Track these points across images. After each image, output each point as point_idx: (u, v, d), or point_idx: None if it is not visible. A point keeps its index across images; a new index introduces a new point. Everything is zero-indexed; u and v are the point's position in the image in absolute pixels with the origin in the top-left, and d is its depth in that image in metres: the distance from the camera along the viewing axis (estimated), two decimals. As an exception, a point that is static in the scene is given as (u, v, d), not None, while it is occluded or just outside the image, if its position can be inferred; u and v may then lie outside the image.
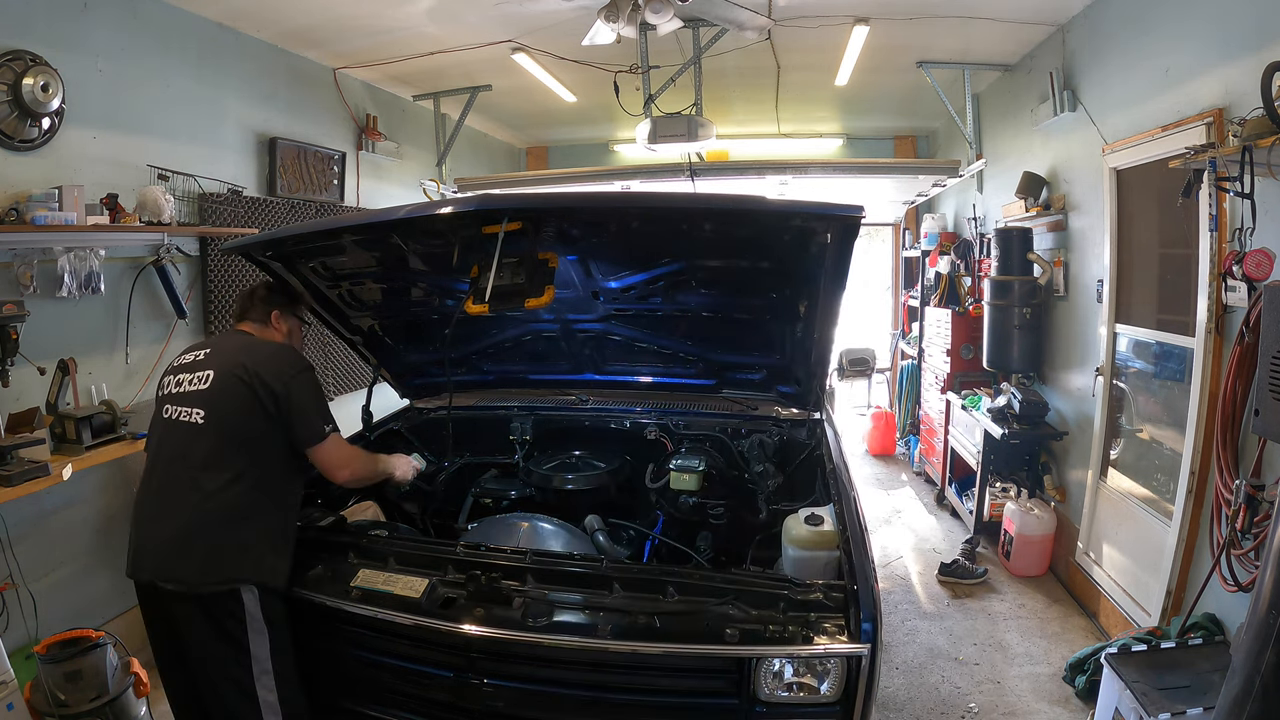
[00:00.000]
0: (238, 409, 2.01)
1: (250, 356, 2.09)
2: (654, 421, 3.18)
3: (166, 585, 1.91)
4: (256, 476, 1.99)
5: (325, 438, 2.08)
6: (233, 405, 2.01)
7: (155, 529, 1.96)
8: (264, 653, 1.91)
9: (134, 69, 3.38)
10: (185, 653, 1.95)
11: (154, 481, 2.04)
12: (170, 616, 1.95)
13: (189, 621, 1.91)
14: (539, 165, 8.23)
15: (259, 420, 2.01)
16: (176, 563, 1.90)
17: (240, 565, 1.91)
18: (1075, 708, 3.00)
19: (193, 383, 2.07)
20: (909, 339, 6.90)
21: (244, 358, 2.08)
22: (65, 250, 2.93)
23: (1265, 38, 2.51)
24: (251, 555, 1.93)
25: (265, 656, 1.91)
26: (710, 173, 5.06)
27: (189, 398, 2.05)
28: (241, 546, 1.92)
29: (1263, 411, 2.16)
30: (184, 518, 1.93)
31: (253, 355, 2.10)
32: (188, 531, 1.92)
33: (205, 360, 2.11)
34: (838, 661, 1.73)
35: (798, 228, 2.15)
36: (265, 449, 2.03)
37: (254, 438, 2.01)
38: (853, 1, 3.95)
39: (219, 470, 1.96)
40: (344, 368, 4.86)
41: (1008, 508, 4.33)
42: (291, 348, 2.25)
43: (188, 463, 1.98)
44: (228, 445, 1.98)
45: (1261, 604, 1.53)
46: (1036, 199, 4.42)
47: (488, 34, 4.34)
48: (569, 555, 2.20)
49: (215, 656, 1.90)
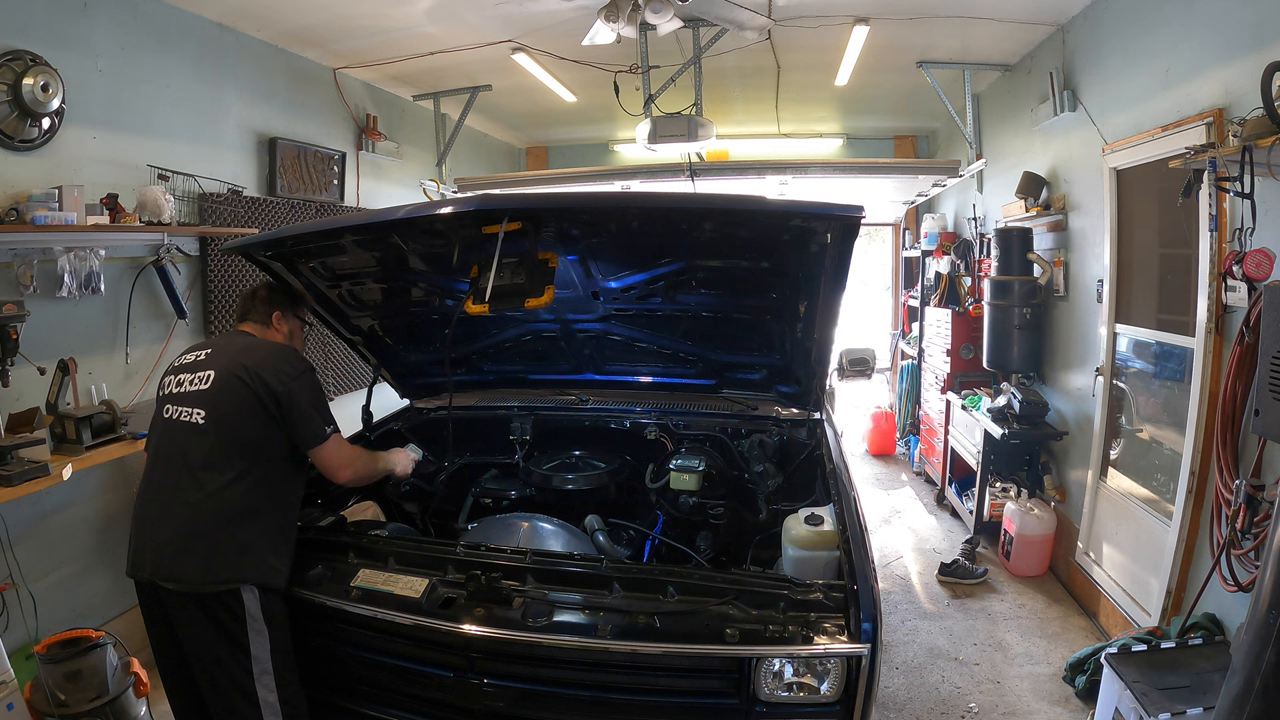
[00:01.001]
0: (238, 409, 2.01)
1: (251, 357, 2.09)
2: (654, 421, 3.18)
3: (166, 585, 1.91)
4: (257, 477, 1.99)
5: (327, 439, 2.09)
6: (233, 406, 2.01)
7: (155, 529, 1.96)
8: (264, 653, 1.91)
9: (134, 69, 3.38)
10: (185, 653, 1.95)
11: (154, 481, 2.03)
12: (170, 616, 1.95)
13: (189, 621, 1.91)
14: (539, 165, 8.22)
15: (260, 421, 2.01)
16: (176, 562, 1.90)
17: (240, 565, 1.91)
18: (1075, 708, 3.00)
19: (193, 383, 2.07)
20: (909, 339, 6.89)
21: (245, 358, 2.08)
22: (65, 250, 2.93)
23: (1265, 38, 2.51)
24: (251, 555, 1.93)
25: (265, 656, 1.91)
26: (710, 173, 5.06)
27: (190, 398, 2.05)
28: (241, 547, 1.92)
29: (1263, 411, 2.17)
30: (184, 518, 1.93)
31: (254, 356, 2.09)
32: (188, 531, 1.91)
33: (206, 360, 2.11)
34: (838, 661, 1.73)
35: (798, 228, 2.15)
36: (266, 449, 2.02)
37: (254, 438, 2.01)
38: (853, 1, 3.95)
39: (219, 470, 1.95)
40: (344, 368, 4.86)
41: (1008, 508, 4.33)
42: (293, 349, 2.25)
43: (188, 462, 1.97)
44: (228, 445, 1.98)
45: (1261, 604, 1.53)
46: (1036, 199, 4.42)
47: (488, 34, 4.35)
48: (569, 555, 2.20)
49: (215, 656, 1.90)
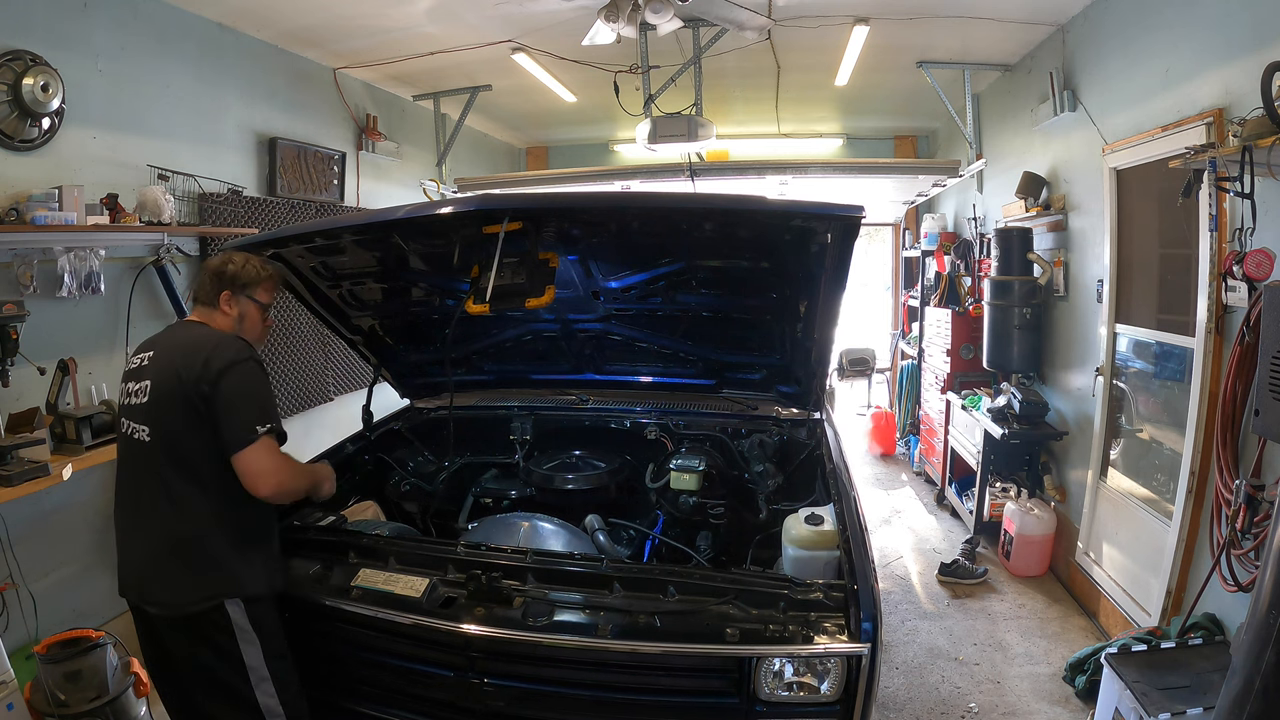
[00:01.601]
0: (178, 421, 1.83)
1: (184, 357, 1.86)
2: (654, 421, 3.18)
3: (150, 609, 1.86)
4: (217, 487, 1.85)
5: (252, 441, 1.80)
6: (172, 418, 1.84)
7: (130, 551, 1.90)
8: (258, 661, 1.85)
9: (134, 69, 3.38)
10: (179, 670, 1.90)
11: (123, 502, 1.94)
12: (160, 636, 1.89)
13: (178, 641, 1.86)
14: (539, 165, 8.23)
15: (200, 428, 1.83)
16: (153, 586, 1.85)
17: (216, 583, 1.83)
18: (1075, 708, 3.00)
19: (137, 394, 1.91)
20: (909, 339, 6.89)
21: (178, 359, 1.86)
22: (65, 250, 2.92)
23: (1265, 38, 2.51)
24: (225, 572, 1.84)
25: (260, 664, 1.86)
26: (710, 173, 5.06)
27: (136, 412, 1.90)
28: (214, 563, 1.83)
29: (1263, 411, 2.17)
30: (152, 541, 1.86)
31: (186, 354, 1.86)
32: (157, 555, 1.85)
33: (147, 366, 1.93)
34: (838, 661, 1.73)
35: (798, 228, 2.15)
36: (216, 459, 1.84)
37: (201, 447, 1.84)
38: (853, 1, 3.95)
39: (174, 489, 1.83)
40: (344, 368, 4.86)
41: (1008, 508, 4.33)
42: (233, 338, 1.95)
43: (145, 483, 1.88)
44: (178, 461, 1.83)
45: (1261, 604, 1.53)
46: (1036, 199, 4.42)
47: (488, 34, 4.35)
48: (569, 555, 2.20)
49: (210, 670, 1.85)
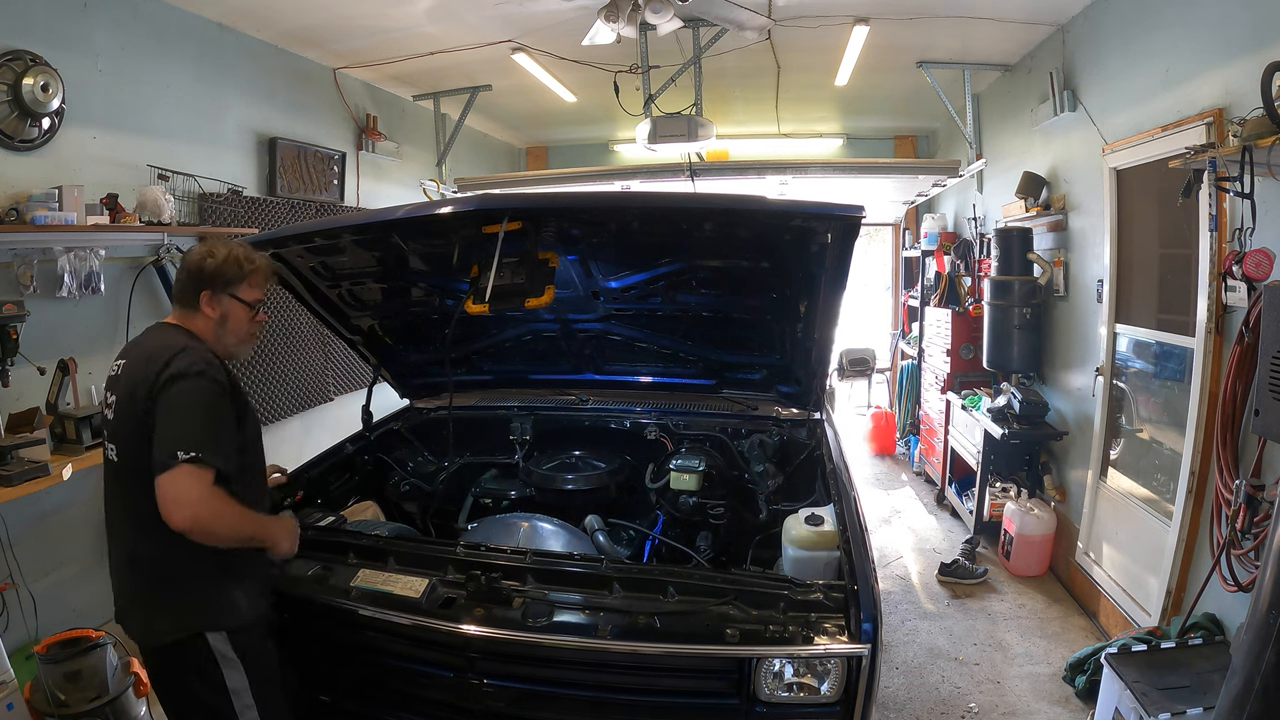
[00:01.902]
0: (136, 439, 1.69)
1: (144, 367, 1.72)
2: (654, 421, 3.18)
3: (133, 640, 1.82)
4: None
5: (170, 468, 1.59)
6: (131, 437, 1.70)
7: (112, 577, 1.85)
8: (242, 685, 1.77)
9: (134, 69, 3.38)
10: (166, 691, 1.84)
11: (107, 525, 1.86)
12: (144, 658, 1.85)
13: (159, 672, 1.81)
14: (539, 165, 8.23)
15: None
16: (128, 618, 1.80)
17: (189, 613, 1.73)
18: (1075, 708, 3.00)
19: (110, 408, 1.80)
20: (909, 339, 6.89)
21: (138, 371, 1.73)
22: (65, 250, 2.92)
23: (1265, 38, 2.51)
24: (199, 600, 1.74)
25: (245, 689, 1.77)
26: (710, 173, 5.06)
27: (107, 427, 1.81)
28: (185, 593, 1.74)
29: (1263, 411, 2.17)
30: (122, 572, 1.80)
31: (146, 365, 1.72)
32: (128, 587, 1.79)
33: (119, 376, 1.80)
34: (838, 662, 1.73)
35: (798, 228, 2.15)
36: None
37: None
38: (853, 1, 3.95)
39: (143, 512, 1.66)
40: (344, 368, 4.86)
41: (1008, 508, 4.33)
42: (197, 348, 1.76)
43: (115, 508, 1.82)
44: (142, 487, 1.65)
45: (1261, 604, 1.53)
46: (1036, 199, 4.42)
47: (488, 34, 4.35)
48: (569, 555, 2.20)
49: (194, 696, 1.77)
